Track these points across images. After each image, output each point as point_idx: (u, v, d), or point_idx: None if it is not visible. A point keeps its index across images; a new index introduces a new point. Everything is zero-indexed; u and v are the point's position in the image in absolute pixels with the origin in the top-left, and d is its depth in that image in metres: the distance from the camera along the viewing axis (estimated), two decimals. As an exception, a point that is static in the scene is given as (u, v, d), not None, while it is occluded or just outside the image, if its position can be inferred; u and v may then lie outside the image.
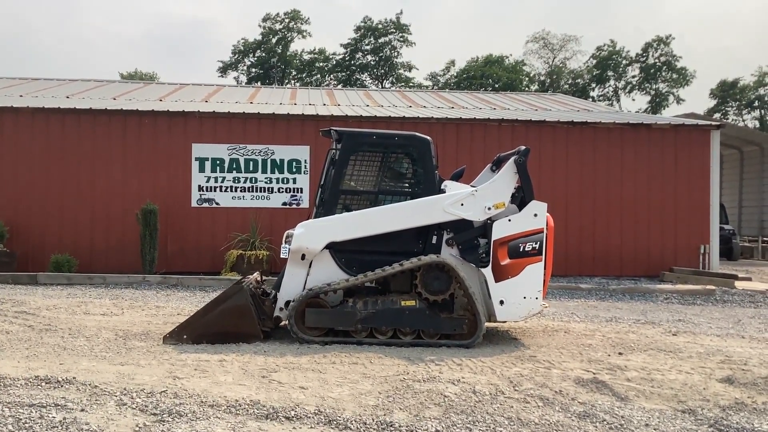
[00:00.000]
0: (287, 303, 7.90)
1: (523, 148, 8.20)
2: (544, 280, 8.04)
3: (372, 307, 7.66)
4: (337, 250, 8.00)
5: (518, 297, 7.89)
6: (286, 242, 8.10)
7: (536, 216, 7.98)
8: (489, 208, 7.96)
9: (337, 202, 8.19)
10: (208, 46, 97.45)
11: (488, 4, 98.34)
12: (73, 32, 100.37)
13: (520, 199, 8.17)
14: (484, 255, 7.94)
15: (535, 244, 7.91)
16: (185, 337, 7.57)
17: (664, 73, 57.24)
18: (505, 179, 8.11)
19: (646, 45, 57.46)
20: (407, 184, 8.34)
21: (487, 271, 7.86)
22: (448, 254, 8.00)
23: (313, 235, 7.94)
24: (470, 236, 8.03)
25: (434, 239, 8.07)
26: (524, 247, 7.88)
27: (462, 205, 7.97)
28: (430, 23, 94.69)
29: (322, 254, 7.97)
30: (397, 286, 8.02)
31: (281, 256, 8.18)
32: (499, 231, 7.89)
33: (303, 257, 7.94)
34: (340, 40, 79.03)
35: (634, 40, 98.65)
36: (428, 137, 8.32)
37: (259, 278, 8.89)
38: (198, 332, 7.60)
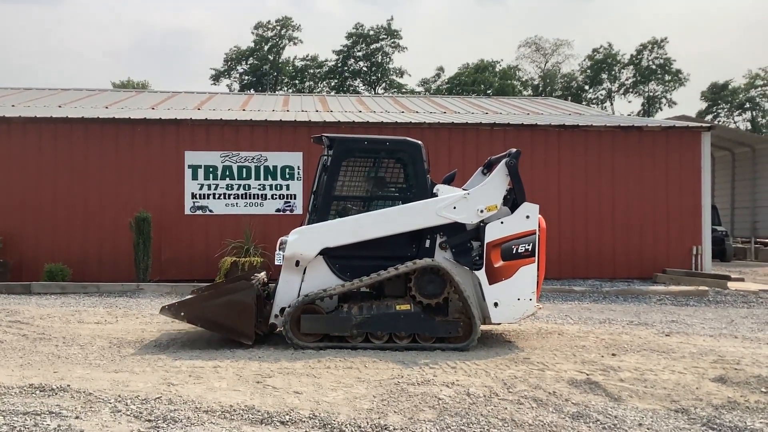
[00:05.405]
0: (282, 310, 7.91)
1: (513, 150, 8.24)
2: (538, 282, 8.08)
3: (367, 312, 7.67)
4: (331, 256, 8.01)
5: (512, 299, 7.91)
6: (280, 249, 8.11)
7: (528, 218, 8.01)
8: (481, 211, 7.99)
9: (329, 209, 8.21)
10: (199, 55, 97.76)
11: (476, 10, 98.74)
12: (60, 45, 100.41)
13: (512, 202, 8.20)
14: (477, 258, 7.97)
15: (528, 245, 7.94)
16: (182, 314, 7.68)
17: (658, 76, 57.53)
18: (497, 182, 8.15)
19: (641, 47, 57.79)
20: (399, 189, 8.37)
21: (481, 274, 7.89)
22: (442, 258, 8.02)
23: (306, 241, 7.96)
24: (463, 239, 8.06)
25: (427, 243, 8.09)
26: (517, 249, 7.91)
27: (455, 208, 8.00)
28: (418, 31, 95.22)
29: (316, 260, 7.98)
30: (392, 291, 8.03)
31: (276, 263, 8.19)
32: (491, 233, 7.92)
33: (297, 263, 7.95)
34: (332, 47, 79.44)
35: (620, 46, 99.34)
36: (419, 142, 8.36)
37: (265, 280, 8.90)
38: (196, 314, 7.69)
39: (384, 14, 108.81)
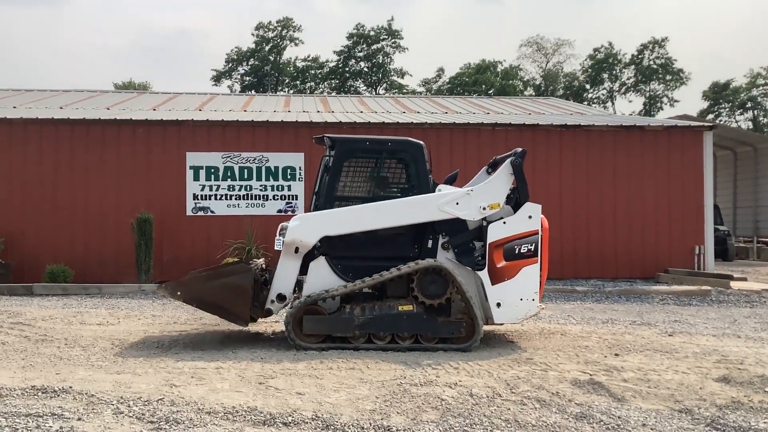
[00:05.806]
0: (279, 296, 7.95)
1: (519, 149, 8.21)
2: (540, 282, 8.05)
3: (370, 313, 7.65)
4: (333, 256, 8.00)
5: (515, 299, 7.89)
6: (280, 234, 8.10)
7: (531, 218, 7.99)
8: (484, 208, 7.96)
9: (331, 209, 8.19)
10: (200, 56, 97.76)
11: (477, 10, 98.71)
12: (60, 46, 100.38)
13: (515, 201, 8.18)
14: (479, 258, 7.95)
15: (531, 245, 7.93)
16: (179, 294, 7.74)
17: (659, 75, 57.45)
18: (501, 180, 8.12)
19: (642, 47, 57.74)
20: (401, 189, 8.34)
21: (484, 274, 7.87)
22: (444, 258, 8.00)
23: (307, 227, 7.97)
24: (466, 239, 8.04)
25: (430, 243, 8.07)
26: (520, 249, 7.89)
27: (457, 204, 7.97)
28: (419, 31, 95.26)
29: (319, 261, 7.97)
30: (394, 291, 8.01)
31: (275, 248, 8.19)
32: (494, 233, 7.90)
33: (297, 250, 7.95)
34: (332, 48, 79.56)
35: (621, 45, 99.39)
36: (421, 142, 8.34)
37: (263, 266, 8.92)
38: (192, 295, 7.77)
39: (384, 14, 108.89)
